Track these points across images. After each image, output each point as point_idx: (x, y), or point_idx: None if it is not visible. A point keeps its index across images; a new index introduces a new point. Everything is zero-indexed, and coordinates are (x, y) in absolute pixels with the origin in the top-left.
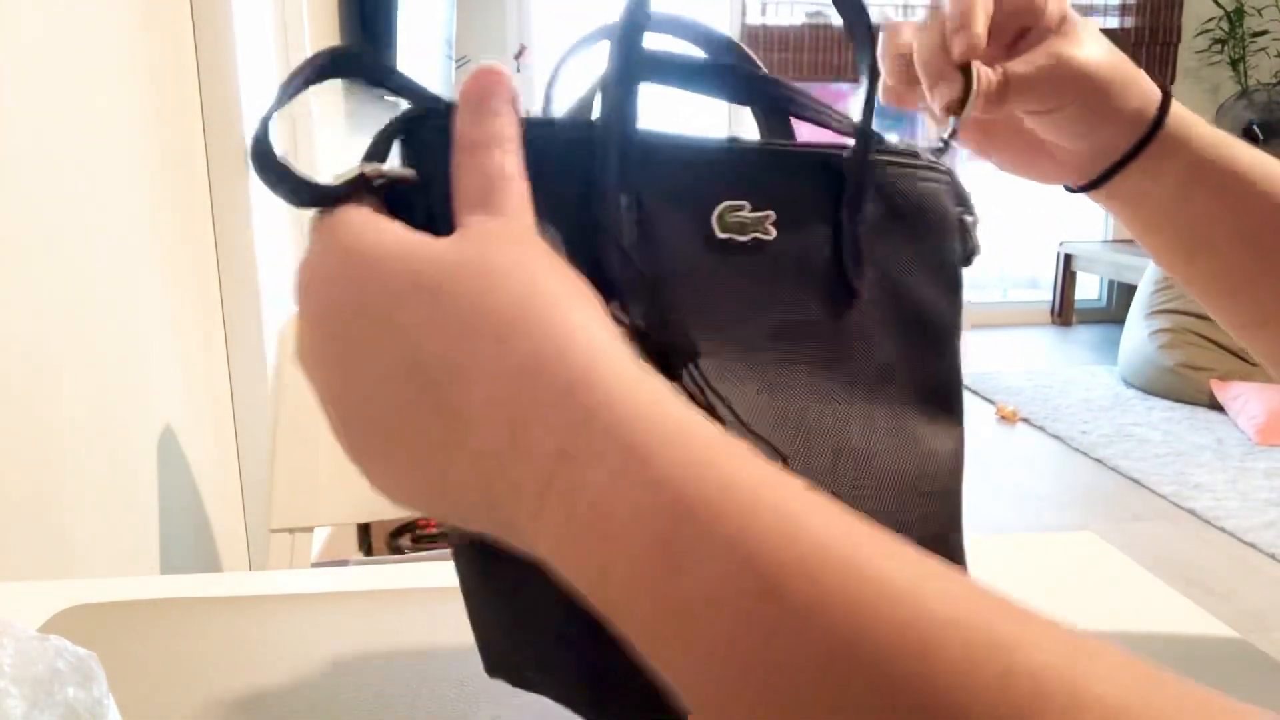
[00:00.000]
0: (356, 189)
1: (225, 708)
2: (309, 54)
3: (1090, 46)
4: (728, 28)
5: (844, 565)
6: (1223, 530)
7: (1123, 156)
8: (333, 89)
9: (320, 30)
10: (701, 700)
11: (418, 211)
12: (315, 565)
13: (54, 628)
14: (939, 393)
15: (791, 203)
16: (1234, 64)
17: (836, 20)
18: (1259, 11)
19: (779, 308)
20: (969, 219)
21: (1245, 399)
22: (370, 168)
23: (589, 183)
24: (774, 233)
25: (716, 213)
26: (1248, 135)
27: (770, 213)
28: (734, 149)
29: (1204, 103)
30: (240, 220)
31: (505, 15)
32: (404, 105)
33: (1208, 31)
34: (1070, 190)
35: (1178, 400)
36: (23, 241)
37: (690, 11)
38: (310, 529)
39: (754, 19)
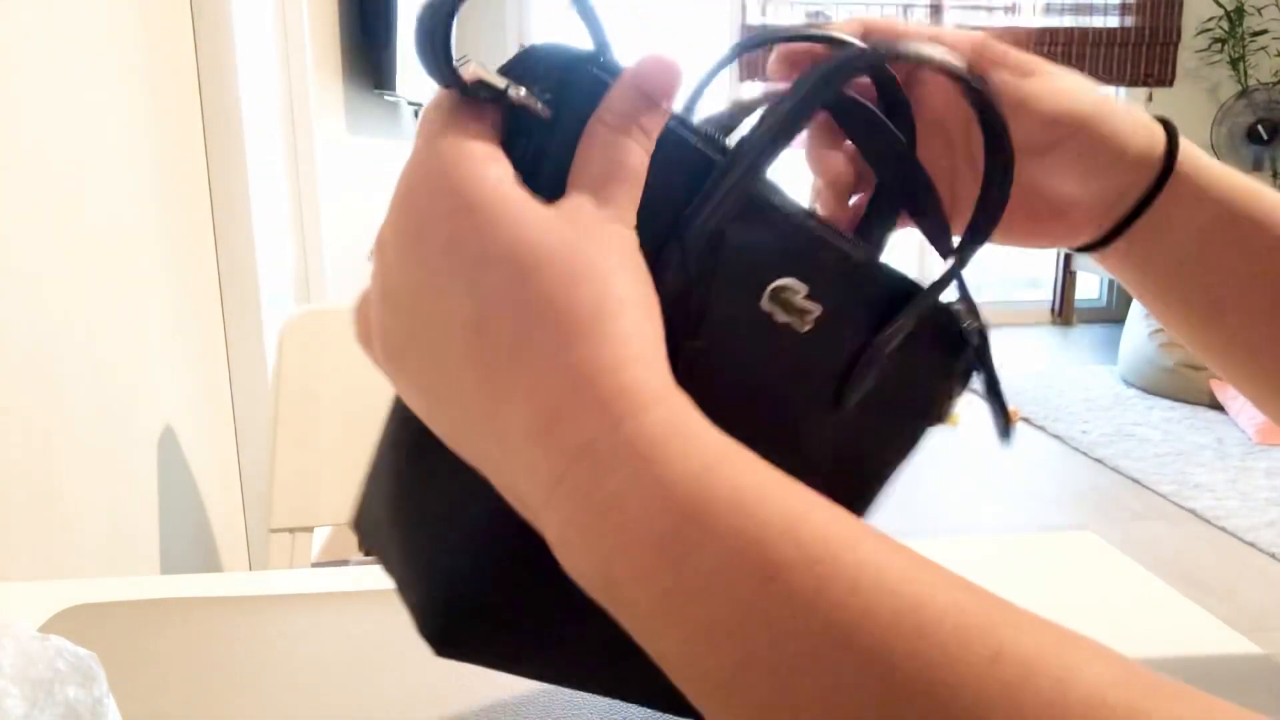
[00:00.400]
0: (488, 97)
1: (225, 708)
2: (309, 54)
3: (1070, 80)
4: (727, 28)
5: (843, 556)
6: (1223, 530)
7: (1139, 199)
8: (333, 88)
9: (320, 30)
10: (701, 686)
11: (530, 140)
12: (315, 565)
13: (54, 628)
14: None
15: (841, 308)
16: (1234, 64)
17: (837, 20)
18: (1259, 11)
19: (776, 388)
20: (956, 397)
21: (1245, 399)
22: (515, 91)
23: (689, 196)
24: (808, 327)
25: (774, 284)
26: (1251, 136)
27: (819, 307)
28: (826, 239)
29: (1204, 103)
30: (240, 220)
31: (505, 15)
32: (404, 106)
33: (1208, 31)
34: (1079, 250)
35: (1178, 400)
36: (23, 242)
37: (690, 11)
38: (310, 529)
39: (754, 19)
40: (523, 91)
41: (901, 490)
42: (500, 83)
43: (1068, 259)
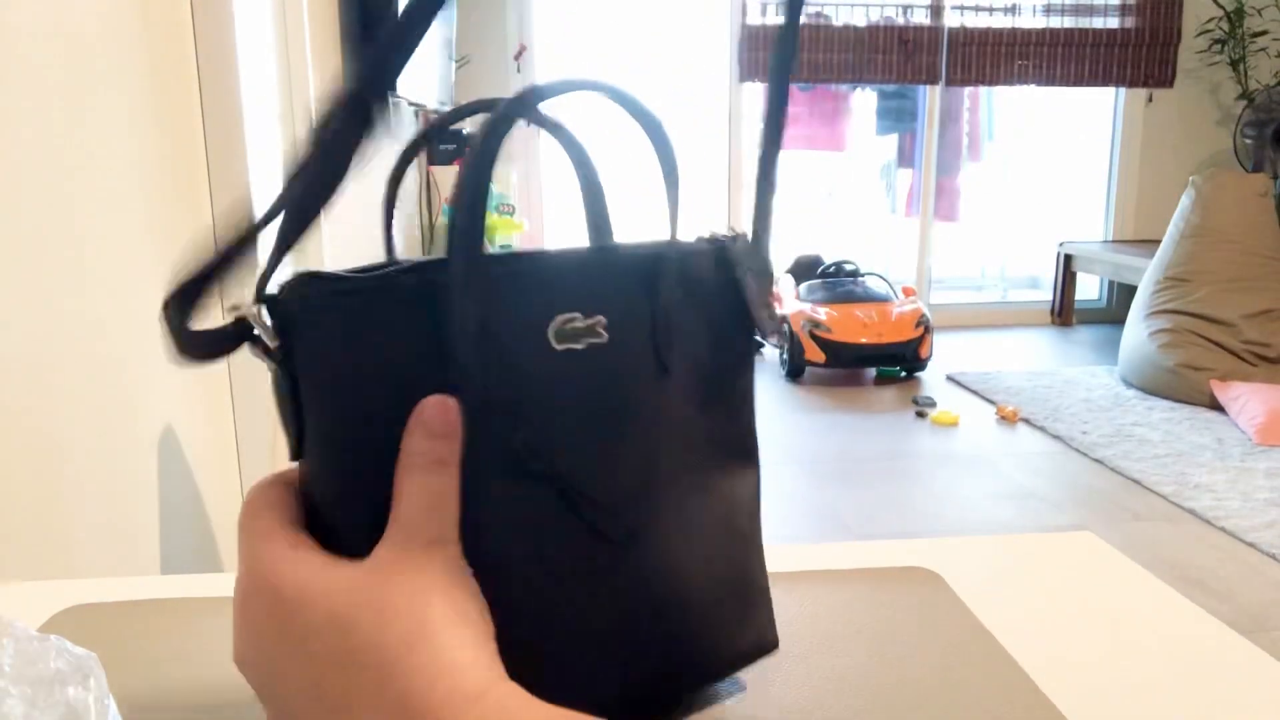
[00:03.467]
0: (238, 331)
1: (225, 708)
2: (309, 55)
3: None
4: (728, 28)
5: None
6: (1223, 530)
7: None
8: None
9: (320, 30)
10: None
11: (284, 373)
12: None
13: (54, 628)
14: (739, 446)
15: (617, 304)
16: (1234, 64)
17: (837, 20)
18: (1259, 11)
19: (620, 403)
20: (751, 297)
21: (1245, 399)
22: (253, 316)
23: (438, 324)
24: (605, 335)
25: (552, 328)
26: (1277, 140)
27: (600, 317)
28: (560, 263)
29: (1204, 103)
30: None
31: (505, 15)
32: (404, 107)
33: (1208, 31)
34: None
35: (1178, 400)
36: (22, 242)
37: (690, 11)
38: None
39: (754, 19)
40: (256, 318)
41: (902, 490)
42: (240, 310)
43: (1068, 260)
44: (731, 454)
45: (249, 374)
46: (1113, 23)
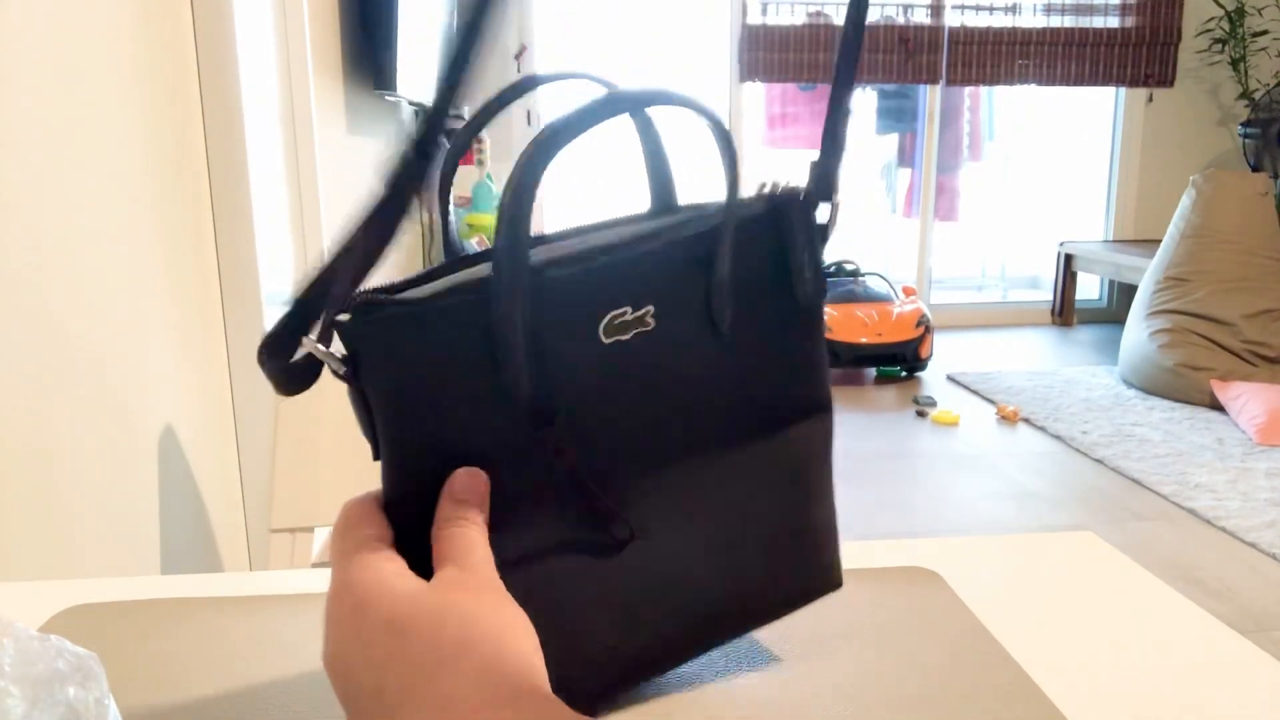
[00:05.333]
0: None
1: (225, 708)
2: (309, 55)
3: None
4: (728, 28)
5: None
6: (1223, 530)
7: None
8: (334, 88)
9: (320, 30)
10: None
11: (355, 390)
12: (315, 565)
13: (54, 628)
14: (806, 402)
15: (665, 291)
16: (1234, 64)
17: (837, 20)
18: (1259, 11)
19: (674, 384)
20: (796, 265)
21: (1245, 399)
22: (315, 349)
23: (489, 333)
24: (653, 323)
25: (602, 326)
26: (1278, 140)
27: (649, 307)
28: (609, 262)
29: (1204, 102)
30: (240, 220)
31: (505, 15)
32: (404, 107)
33: (1208, 31)
34: None
35: (1178, 400)
36: (23, 243)
37: (690, 11)
38: (310, 529)
39: (754, 19)
40: (323, 351)
41: (902, 490)
42: (316, 355)
43: (1068, 260)
44: (797, 410)
45: (249, 374)
46: (1113, 22)
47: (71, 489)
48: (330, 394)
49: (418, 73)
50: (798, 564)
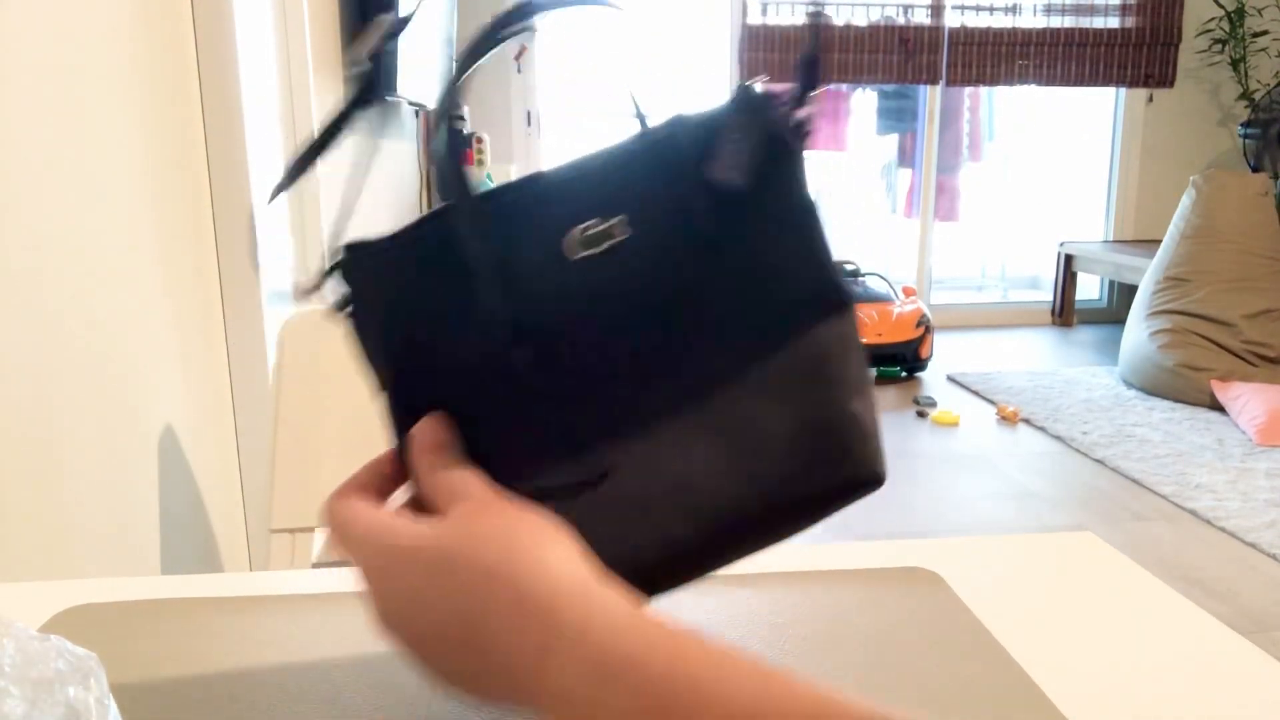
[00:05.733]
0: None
1: (225, 708)
2: (309, 55)
3: None
4: (728, 28)
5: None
6: (1223, 531)
7: None
8: (333, 89)
9: (320, 30)
10: None
11: (351, 323)
12: (315, 565)
13: (54, 628)
14: (813, 299)
15: (634, 198)
16: (1234, 64)
17: (837, 20)
18: (1259, 11)
19: (656, 298)
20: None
21: (1246, 399)
22: (320, 288)
23: (453, 267)
24: (624, 233)
25: (566, 241)
26: (1278, 141)
27: (620, 216)
28: (565, 177)
29: (1205, 103)
30: (240, 220)
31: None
32: (404, 107)
33: (1208, 31)
34: None
35: (1178, 400)
36: (23, 242)
37: (690, 11)
38: (310, 529)
39: (754, 19)
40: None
41: (902, 490)
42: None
43: (1068, 260)
44: (805, 313)
45: (249, 374)
46: (1113, 22)
47: (71, 489)
48: (330, 395)
49: (417, 73)
50: (827, 460)
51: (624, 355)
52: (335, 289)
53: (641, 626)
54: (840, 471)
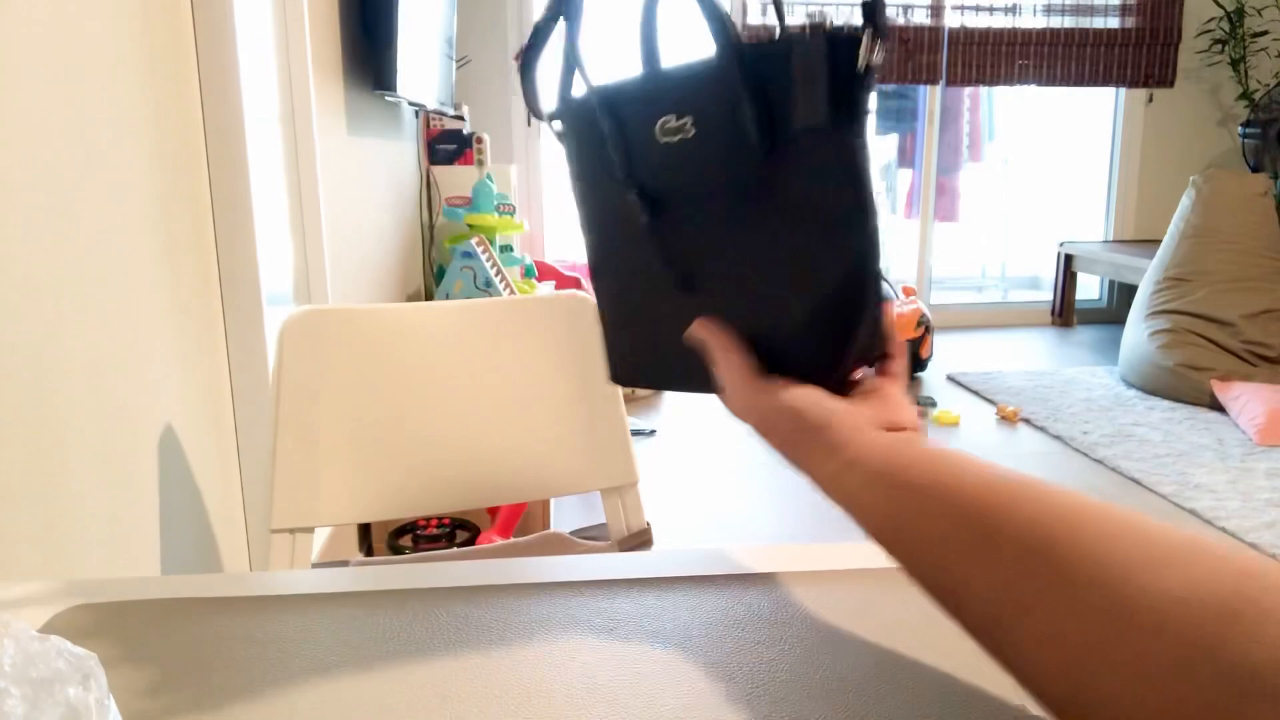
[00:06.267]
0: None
1: (225, 708)
2: (309, 54)
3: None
4: None
5: (1008, 502)
6: (1224, 531)
7: None
8: (334, 89)
9: (320, 30)
10: (926, 575)
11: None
12: (315, 565)
13: (54, 628)
14: (844, 213)
15: (699, 105)
16: (1234, 64)
17: (837, 21)
18: (1259, 12)
19: (715, 183)
20: (797, 91)
21: (1246, 399)
22: (547, 123)
23: (601, 124)
24: (693, 130)
25: (656, 128)
26: (1278, 141)
27: (689, 117)
28: (647, 79)
29: (1204, 103)
30: (240, 220)
31: (505, 15)
32: (404, 107)
33: (1208, 32)
34: None
35: (1178, 400)
36: (23, 242)
37: (690, 11)
38: (310, 529)
39: (754, 19)
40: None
41: None
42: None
43: (1068, 260)
44: (838, 220)
45: (249, 374)
46: (1113, 23)
47: (71, 489)
48: (330, 394)
49: (417, 73)
50: (838, 320)
51: (698, 215)
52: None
53: (892, 454)
54: (859, 328)
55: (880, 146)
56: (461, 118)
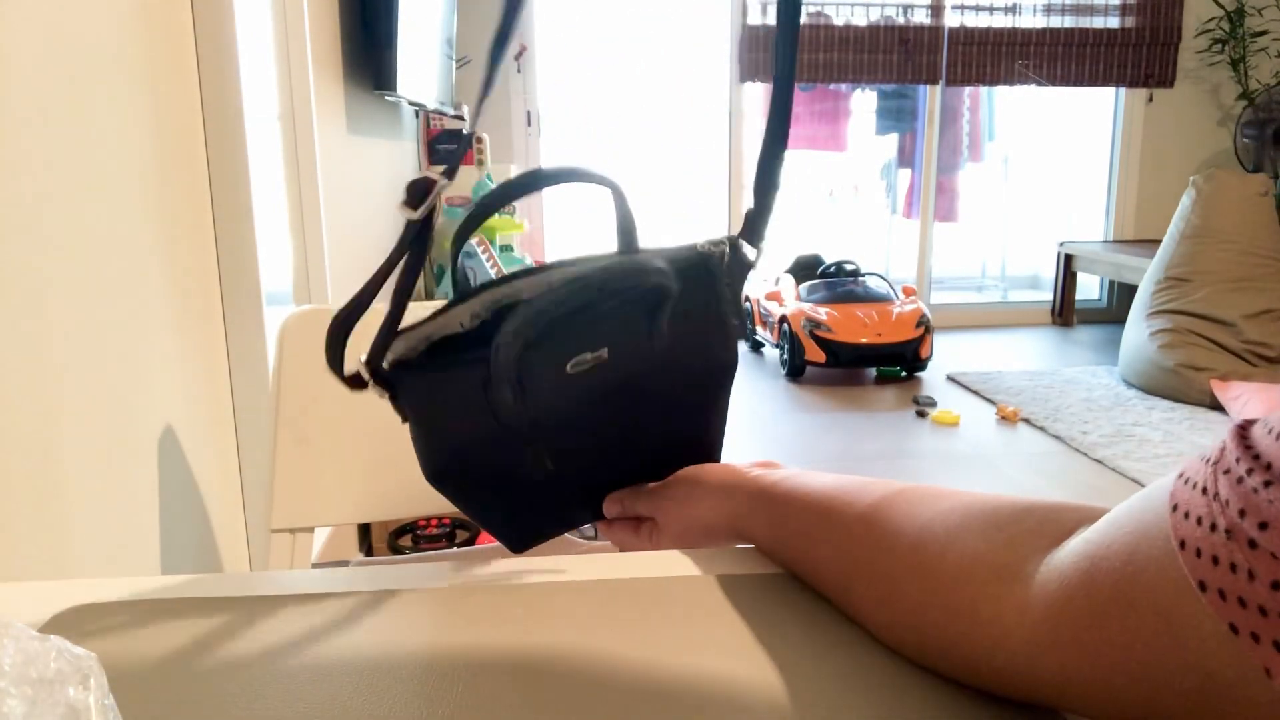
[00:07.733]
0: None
1: (225, 708)
2: (309, 55)
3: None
4: (728, 28)
5: (845, 495)
6: None
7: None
8: (334, 88)
9: (320, 30)
10: (798, 564)
11: (396, 407)
12: (315, 565)
13: (54, 628)
14: (722, 375)
15: (615, 332)
16: (1234, 64)
17: (837, 20)
18: (1259, 11)
19: (620, 387)
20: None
21: (1245, 399)
22: (366, 378)
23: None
24: (606, 355)
25: (569, 366)
26: (1277, 140)
27: (604, 350)
28: (575, 321)
29: (1204, 103)
30: (240, 220)
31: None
32: (404, 107)
33: (1208, 31)
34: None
35: (1178, 400)
36: (23, 241)
37: (690, 12)
38: (310, 529)
39: (754, 19)
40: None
41: None
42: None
43: (1068, 260)
44: (713, 382)
45: (249, 374)
46: (1113, 22)
47: (71, 489)
48: (330, 395)
49: (417, 73)
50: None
51: (594, 429)
52: (374, 386)
53: (763, 482)
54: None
55: (880, 146)
56: (461, 118)
